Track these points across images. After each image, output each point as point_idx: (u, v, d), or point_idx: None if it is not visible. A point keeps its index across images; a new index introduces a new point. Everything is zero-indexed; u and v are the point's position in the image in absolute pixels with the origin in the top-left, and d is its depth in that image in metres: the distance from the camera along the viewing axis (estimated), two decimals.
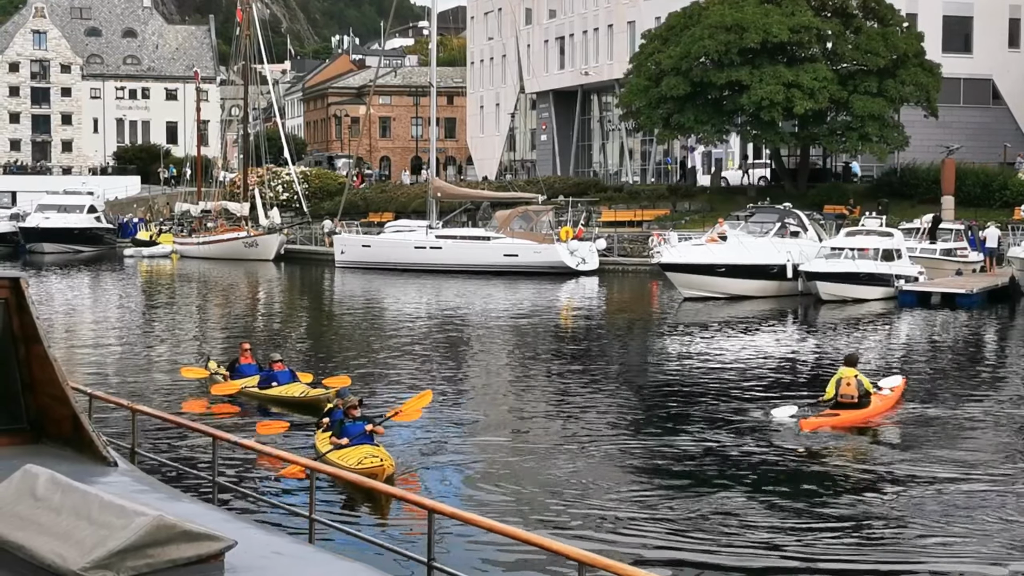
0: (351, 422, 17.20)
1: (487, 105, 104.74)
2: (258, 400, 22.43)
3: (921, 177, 62.17)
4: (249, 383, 22.93)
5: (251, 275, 60.73)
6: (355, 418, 17.30)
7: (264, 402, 22.34)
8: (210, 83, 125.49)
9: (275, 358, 23.32)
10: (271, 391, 22.41)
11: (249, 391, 22.75)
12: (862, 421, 20.64)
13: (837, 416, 20.53)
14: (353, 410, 17.45)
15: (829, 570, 13.02)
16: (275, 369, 22.83)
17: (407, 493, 9.92)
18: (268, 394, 22.44)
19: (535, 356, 30.34)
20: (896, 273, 43.11)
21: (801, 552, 13.52)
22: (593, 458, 18.03)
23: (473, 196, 67.88)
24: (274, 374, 22.68)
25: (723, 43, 58.51)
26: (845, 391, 20.72)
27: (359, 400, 18.05)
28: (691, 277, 43.76)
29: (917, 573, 13.06)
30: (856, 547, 13.76)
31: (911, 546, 13.85)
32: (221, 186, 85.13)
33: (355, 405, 17.59)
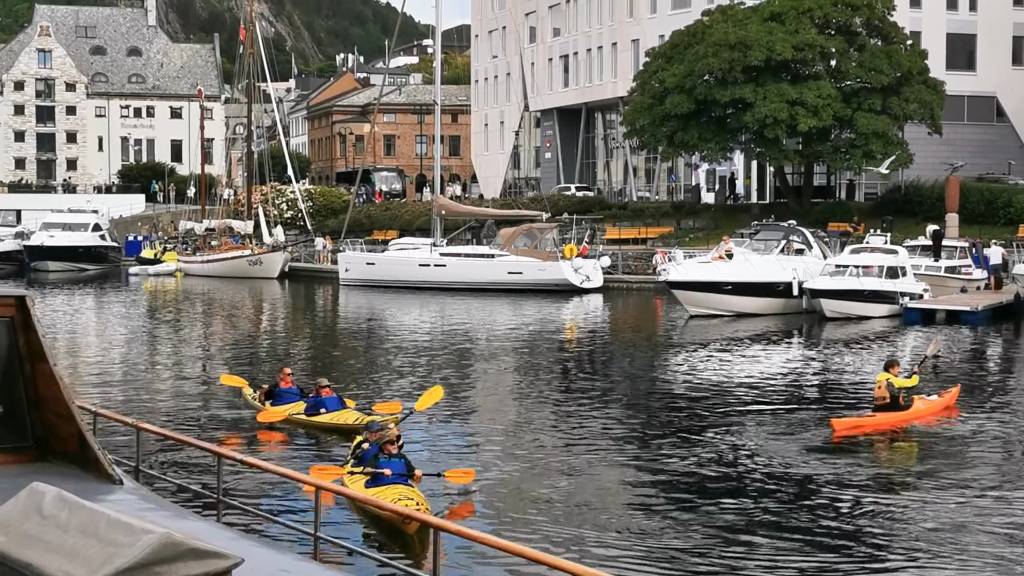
0: (387, 458, 15.69)
1: (491, 123, 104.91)
2: (306, 428, 21.38)
3: (925, 194, 62.20)
4: (294, 409, 21.94)
5: (255, 293, 60.75)
6: (391, 454, 15.79)
7: (312, 430, 21.23)
8: (214, 101, 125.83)
9: (323, 383, 22.10)
10: (320, 418, 21.28)
11: (296, 418, 21.69)
12: (898, 423, 21.48)
13: (873, 418, 21.49)
14: (390, 445, 15.92)
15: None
16: (323, 395, 21.68)
17: (412, 511, 9.91)
18: (317, 421, 21.30)
19: (542, 374, 30.31)
20: (901, 290, 43.08)
21: (806, 566, 13.50)
22: (602, 475, 18.02)
23: (477, 214, 67.94)
24: (322, 400, 21.55)
25: (727, 61, 58.59)
26: (877, 394, 21.87)
27: (397, 435, 16.52)
28: (698, 295, 43.74)
29: None
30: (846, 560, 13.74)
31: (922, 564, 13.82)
32: (225, 204, 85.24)
33: (392, 440, 16.08)
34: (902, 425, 21.49)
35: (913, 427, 21.83)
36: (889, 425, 21.41)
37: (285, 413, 21.83)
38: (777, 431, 21.38)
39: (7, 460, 8.78)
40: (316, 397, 21.67)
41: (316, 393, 21.80)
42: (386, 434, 16.29)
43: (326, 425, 21.08)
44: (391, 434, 16.30)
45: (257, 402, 22.88)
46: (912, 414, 21.81)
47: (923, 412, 22.06)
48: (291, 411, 21.85)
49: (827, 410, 23.70)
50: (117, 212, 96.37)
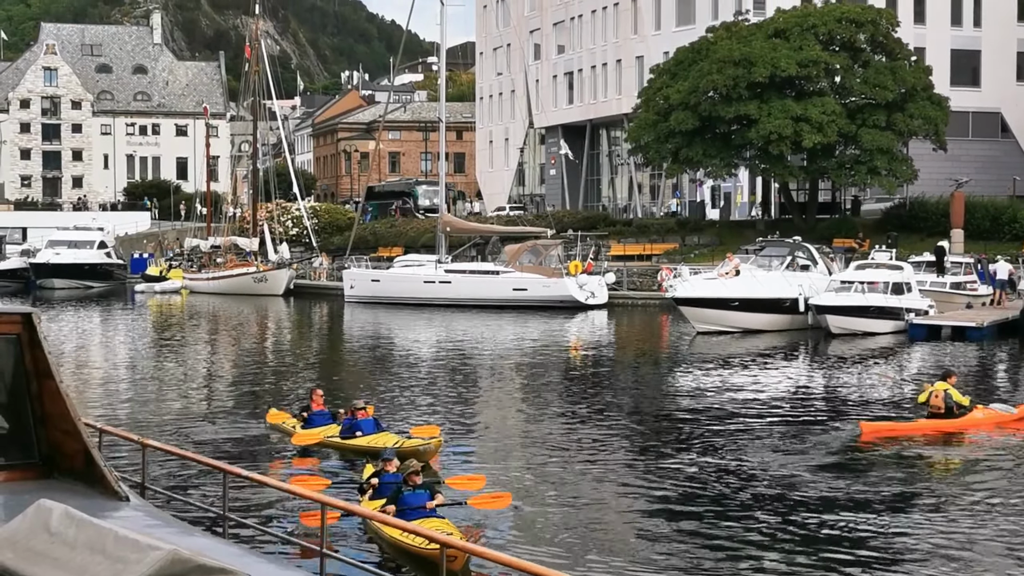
0: (411, 490, 14.89)
1: (496, 140, 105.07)
2: (342, 451, 20.65)
3: (930, 210, 62.19)
4: (328, 432, 21.28)
5: (260, 310, 60.78)
6: (416, 485, 15.02)
7: (348, 454, 20.44)
8: (220, 119, 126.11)
9: (358, 405, 21.32)
10: (356, 441, 20.56)
11: (331, 441, 21.02)
12: (930, 431, 22.40)
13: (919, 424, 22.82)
14: (415, 476, 15.12)
15: None
16: (359, 417, 20.94)
17: (419, 528, 9.90)
18: (354, 444, 20.55)
19: (549, 392, 30.25)
20: (906, 306, 43.03)
21: None
22: (616, 492, 18.01)
23: (482, 230, 68.00)
24: (358, 423, 20.82)
25: (731, 77, 58.66)
26: (933, 402, 22.74)
27: (421, 466, 15.68)
28: (705, 311, 43.69)
29: None
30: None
31: None
32: (231, 221, 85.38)
33: (417, 471, 15.25)
34: (931, 433, 22.42)
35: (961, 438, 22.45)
36: (914, 431, 22.44)
37: (320, 436, 21.16)
38: (796, 447, 21.38)
39: (13, 477, 8.79)
40: (351, 419, 20.97)
41: (351, 415, 21.09)
42: (410, 465, 15.41)
43: (363, 448, 20.12)
44: (416, 465, 15.44)
45: (289, 425, 22.29)
46: (966, 423, 22.75)
47: (980, 422, 22.96)
48: (326, 434, 21.18)
49: (842, 423, 23.70)
50: (123, 229, 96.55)
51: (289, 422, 22.55)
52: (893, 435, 22.33)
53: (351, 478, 18.52)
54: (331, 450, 20.91)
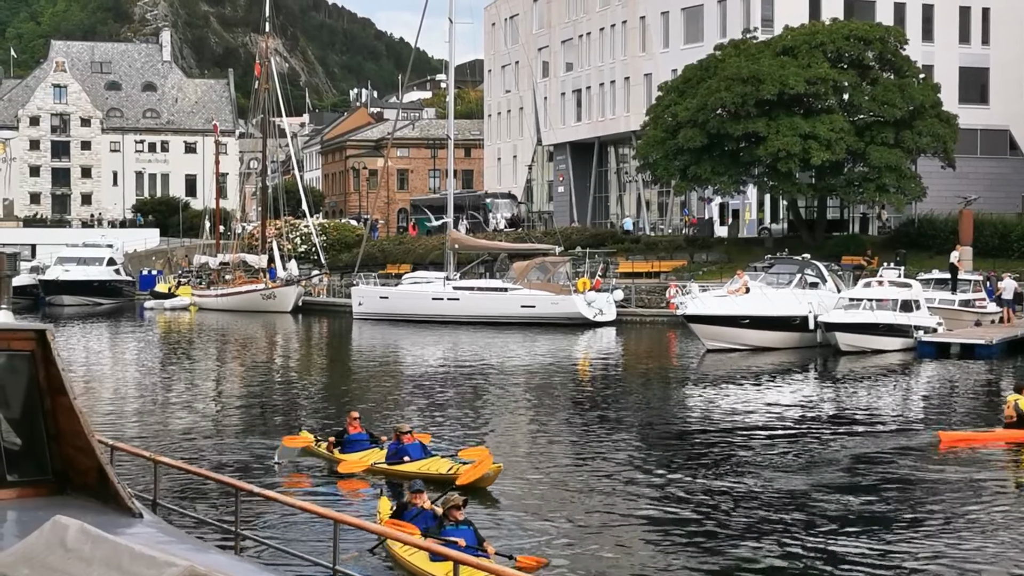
0: (454, 525, 13.85)
1: (504, 157, 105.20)
2: (389, 477, 19.71)
3: (939, 228, 62.16)
4: (373, 457, 20.57)
5: (269, 327, 60.83)
6: (459, 521, 13.98)
7: (397, 479, 19.30)
8: (229, 136, 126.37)
9: (404, 429, 20.51)
10: (406, 467, 19.64)
11: (378, 467, 20.16)
12: (1007, 440, 23.54)
13: (996, 433, 23.86)
14: (457, 511, 14.02)
15: None
16: (405, 442, 20.10)
17: (433, 544, 9.91)
18: (403, 471, 19.50)
19: (558, 409, 30.22)
20: (915, 324, 43.01)
21: None
22: (625, 510, 17.98)
23: (490, 247, 68.04)
24: (404, 447, 20.01)
25: (739, 95, 58.71)
26: (1007, 412, 23.91)
27: (464, 500, 14.54)
28: (715, 329, 43.66)
29: None
30: None
31: None
32: (239, 238, 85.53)
33: (459, 505, 14.16)
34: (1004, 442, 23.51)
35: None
36: (989, 440, 23.59)
37: (367, 462, 20.37)
38: (872, 454, 21.79)
39: (27, 493, 8.81)
40: (396, 444, 20.17)
41: (396, 439, 20.28)
42: (451, 498, 14.43)
43: (414, 475, 18.70)
44: (457, 498, 14.42)
45: (326, 451, 21.49)
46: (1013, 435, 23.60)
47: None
48: (373, 459, 20.43)
49: (868, 440, 23.69)
50: (132, 246, 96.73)
51: (321, 446, 21.81)
52: (971, 444, 23.35)
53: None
54: (378, 476, 19.95)
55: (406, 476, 18.97)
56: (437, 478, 19.07)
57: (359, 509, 17.14)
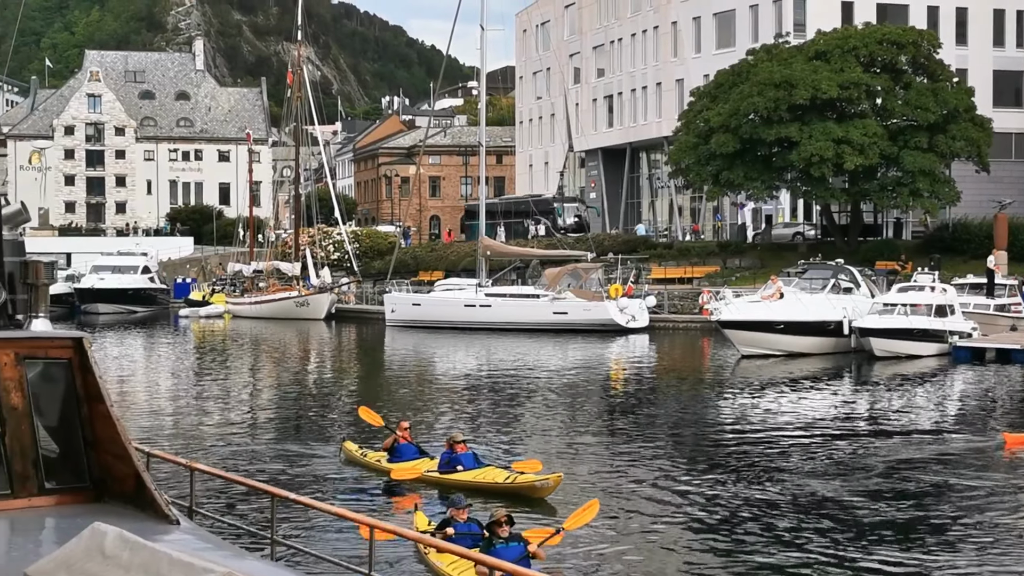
0: (502, 543, 13.34)
1: (536, 163, 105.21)
2: (442, 487, 19.48)
3: (973, 232, 61.81)
4: (425, 466, 20.28)
5: (303, 334, 61.01)
6: (506, 538, 13.54)
7: (451, 490, 18.86)
8: (262, 144, 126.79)
9: (457, 438, 20.24)
10: (459, 476, 19.39)
11: (430, 476, 19.89)
12: None
13: None
14: (500, 528, 13.58)
15: None
16: (458, 451, 19.82)
17: (470, 552, 9.90)
18: (458, 480, 19.29)
19: (594, 416, 30.21)
20: (950, 329, 42.79)
21: None
22: (670, 518, 17.96)
23: (522, 254, 68.04)
24: (457, 457, 19.73)
25: (772, 100, 58.55)
26: None
27: (508, 516, 14.04)
28: (750, 335, 43.54)
29: None
30: None
31: None
32: (272, 246, 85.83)
33: (500, 521, 13.72)
34: None
35: None
36: None
37: (419, 471, 20.04)
38: (938, 455, 21.61)
39: (65, 500, 8.86)
40: (449, 453, 19.87)
41: (449, 448, 19.98)
42: (496, 513, 14.04)
43: (467, 484, 18.84)
44: (502, 513, 14.05)
45: (373, 459, 21.35)
46: None
47: None
48: (425, 468, 20.14)
49: (880, 445, 23.59)
50: (166, 255, 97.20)
51: (372, 455, 21.62)
52: None
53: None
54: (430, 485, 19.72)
55: (459, 486, 18.85)
56: (493, 488, 18.84)
57: (407, 520, 16.70)
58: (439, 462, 19.99)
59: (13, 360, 8.66)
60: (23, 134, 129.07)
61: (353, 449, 22.30)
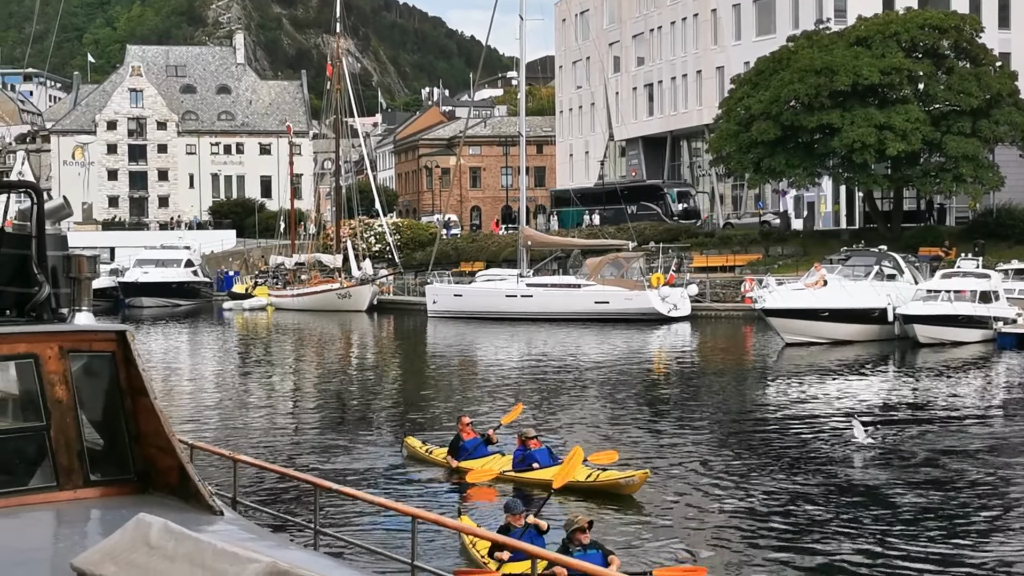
0: (581, 550, 12.57)
1: (576, 153, 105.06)
2: (519, 486, 18.76)
3: (1017, 218, 61.30)
4: (498, 464, 19.58)
5: (345, 326, 61.23)
6: (585, 545, 12.78)
7: (529, 488, 18.42)
8: (303, 137, 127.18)
9: (530, 434, 19.51)
10: (538, 474, 18.62)
11: (508, 475, 19.11)
12: None
13: None
14: (582, 534, 12.82)
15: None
16: (531, 447, 19.16)
17: (511, 540, 9.91)
18: (536, 478, 18.57)
19: (640, 405, 30.16)
20: (994, 315, 42.48)
21: None
22: (720, 504, 17.96)
23: (563, 244, 68.00)
24: (531, 453, 19.09)
25: (813, 86, 58.21)
26: None
27: (589, 521, 13.22)
28: (794, 323, 43.37)
29: None
30: None
31: None
32: (314, 238, 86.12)
33: (584, 527, 12.92)
34: None
35: None
36: None
37: (496, 471, 19.12)
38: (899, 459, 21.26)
39: (110, 492, 8.92)
40: (523, 450, 19.21)
41: (522, 445, 19.29)
42: (575, 520, 13.07)
43: (547, 482, 17.50)
44: (582, 520, 13.10)
45: (441, 459, 20.66)
46: None
47: None
48: (500, 467, 19.34)
49: (926, 432, 23.48)
50: (208, 248, 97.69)
51: (437, 452, 21.03)
52: None
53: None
54: (505, 484, 19.07)
55: (538, 484, 18.32)
56: (575, 487, 17.90)
57: (489, 521, 16.28)
58: (513, 460, 19.32)
59: (57, 353, 8.72)
60: (66, 129, 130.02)
61: (417, 445, 21.71)
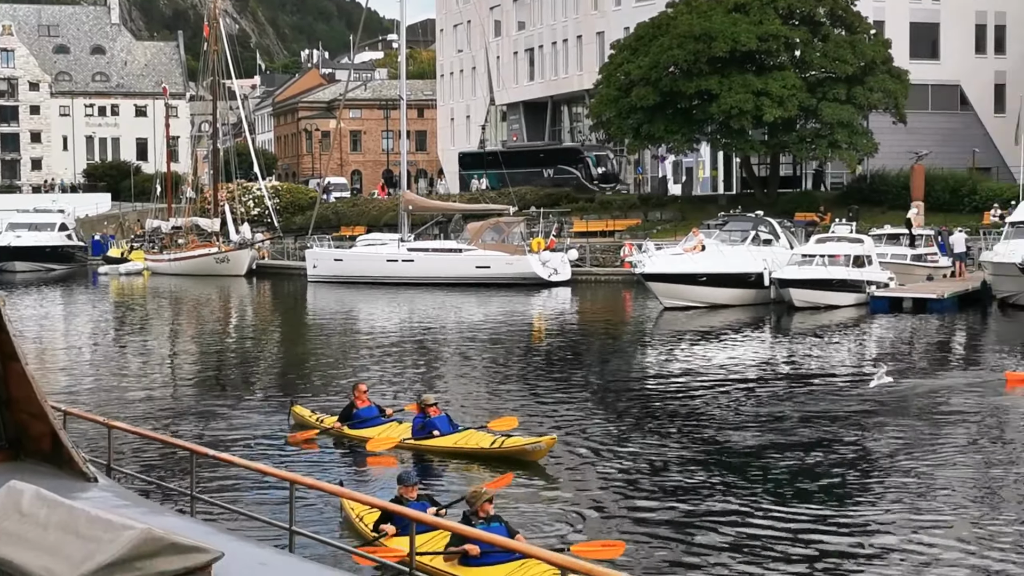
0: (485, 523, 12.16)
1: (458, 117, 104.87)
2: (420, 453, 18.60)
3: (891, 183, 62.55)
4: (397, 431, 19.29)
5: (223, 291, 60.57)
6: (490, 517, 12.44)
7: (433, 456, 18.39)
8: (179, 99, 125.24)
9: (429, 400, 19.18)
10: (439, 442, 18.49)
11: (408, 444, 18.80)
12: None
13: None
14: (489, 504, 12.54)
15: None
16: (431, 415, 18.82)
17: (385, 503, 9.91)
18: (439, 446, 18.44)
19: (519, 370, 30.27)
20: (867, 279, 43.32)
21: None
22: (596, 469, 18.07)
23: (444, 208, 67.88)
24: (432, 421, 18.73)
25: (692, 52, 58.73)
26: None
27: (490, 496, 12.77)
28: (673, 287, 43.78)
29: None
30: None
31: None
32: (191, 202, 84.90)
33: (491, 498, 12.65)
34: None
35: None
36: None
37: (396, 439, 18.88)
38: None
39: None
40: (422, 417, 18.86)
41: (421, 413, 18.95)
42: (482, 492, 12.68)
43: (449, 450, 18.11)
44: (488, 491, 12.79)
45: (335, 428, 20.04)
46: None
47: None
48: (400, 435, 19.01)
49: (816, 400, 23.90)
50: (83, 211, 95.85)
51: (328, 421, 20.43)
52: None
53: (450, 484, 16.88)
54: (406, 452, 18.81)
55: (440, 452, 18.33)
56: (480, 454, 17.99)
57: (386, 488, 15.65)
58: (412, 427, 19.01)
59: None
60: None
61: (306, 414, 21.15)
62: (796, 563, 13.31)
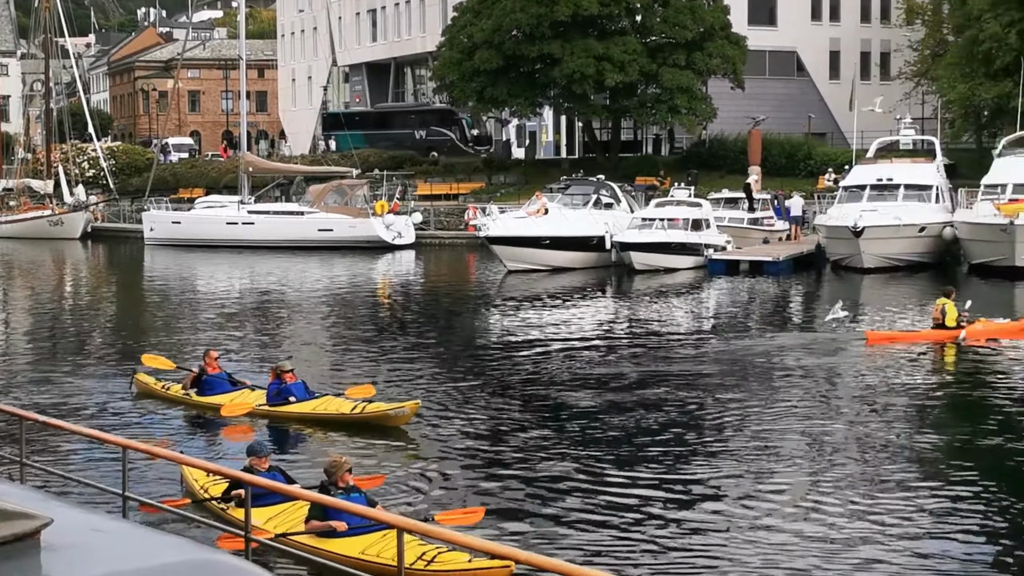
0: (344, 494, 11.90)
1: (299, 78, 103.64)
2: (277, 421, 18.38)
3: (729, 148, 63.59)
4: (250, 398, 18.98)
5: (57, 254, 59.15)
6: (349, 487, 12.27)
7: (289, 423, 18.21)
8: (10, 57, 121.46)
9: (286, 367, 18.93)
10: (297, 408, 18.32)
11: (262, 410, 18.53)
12: (930, 339, 25.81)
13: (922, 333, 26.49)
14: (348, 475, 12.39)
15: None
16: (287, 381, 18.60)
17: (220, 467, 9.77)
18: (296, 412, 18.25)
19: (364, 333, 30.15)
20: (705, 242, 44.02)
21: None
22: (434, 433, 18.05)
23: (286, 170, 67.11)
24: (287, 387, 18.53)
25: (534, 16, 58.85)
26: (934, 315, 26.12)
27: (350, 467, 12.64)
28: (516, 250, 43.97)
29: None
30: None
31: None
32: (23, 163, 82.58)
33: (350, 467, 12.56)
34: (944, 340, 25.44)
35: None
36: (914, 339, 26.02)
37: (251, 405, 18.62)
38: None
39: None
40: (277, 383, 18.63)
41: (277, 379, 18.71)
42: (343, 462, 12.50)
43: (308, 416, 18.07)
44: (347, 461, 12.63)
45: (184, 393, 19.63)
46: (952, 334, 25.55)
47: (977, 332, 25.73)
48: (255, 401, 18.77)
49: (654, 357, 24.19)
50: None
51: (174, 389, 19.97)
52: (896, 341, 25.92)
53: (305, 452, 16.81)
54: (261, 419, 18.54)
55: (296, 418, 18.18)
56: (341, 420, 17.94)
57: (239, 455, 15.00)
58: (267, 394, 18.71)
59: None
60: None
61: (151, 382, 20.60)
62: (642, 525, 13.46)
